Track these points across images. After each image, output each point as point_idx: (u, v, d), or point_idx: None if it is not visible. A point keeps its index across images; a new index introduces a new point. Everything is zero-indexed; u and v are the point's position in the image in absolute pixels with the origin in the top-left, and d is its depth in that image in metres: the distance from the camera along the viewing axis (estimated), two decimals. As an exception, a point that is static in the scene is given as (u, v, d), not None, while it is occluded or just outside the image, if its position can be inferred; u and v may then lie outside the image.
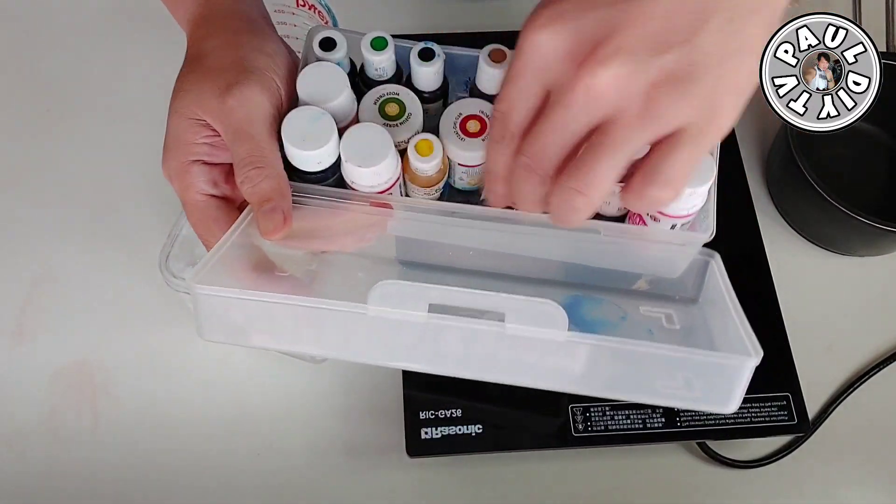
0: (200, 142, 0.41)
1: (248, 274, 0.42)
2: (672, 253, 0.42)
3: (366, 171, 0.39)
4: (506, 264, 0.44)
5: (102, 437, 0.57)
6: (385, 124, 0.41)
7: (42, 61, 0.71)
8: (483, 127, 0.41)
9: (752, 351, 0.34)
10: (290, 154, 0.40)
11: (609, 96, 0.33)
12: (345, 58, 0.43)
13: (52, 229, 0.64)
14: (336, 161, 0.40)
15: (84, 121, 0.69)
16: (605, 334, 0.35)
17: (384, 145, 0.39)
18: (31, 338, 0.60)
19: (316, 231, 0.42)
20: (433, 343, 0.35)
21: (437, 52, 0.42)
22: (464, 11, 0.74)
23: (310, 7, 0.62)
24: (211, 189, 0.42)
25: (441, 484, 0.57)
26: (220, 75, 0.40)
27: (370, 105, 0.42)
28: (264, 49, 0.42)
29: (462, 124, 0.41)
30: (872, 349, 0.62)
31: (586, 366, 0.35)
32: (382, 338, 0.36)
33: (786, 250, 0.64)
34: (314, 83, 0.40)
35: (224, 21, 0.43)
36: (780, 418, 0.55)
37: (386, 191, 0.41)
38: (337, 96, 0.40)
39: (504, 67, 0.42)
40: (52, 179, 0.66)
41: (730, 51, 0.33)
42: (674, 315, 0.42)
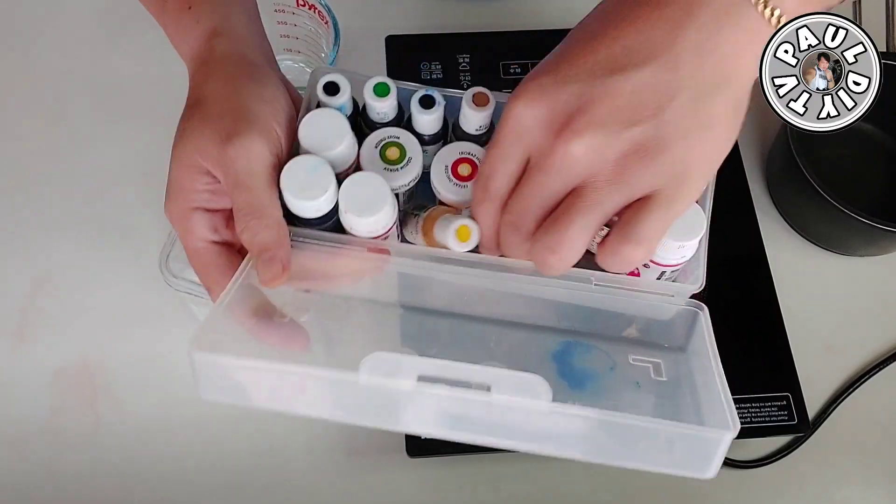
0: (201, 189, 0.42)
1: (249, 319, 0.42)
2: (661, 301, 0.43)
3: (364, 220, 0.40)
4: (501, 308, 0.46)
5: (103, 438, 0.57)
6: (385, 168, 0.42)
7: (42, 61, 0.71)
8: (474, 169, 0.42)
9: (730, 424, 0.35)
10: (288, 203, 0.40)
11: (583, 163, 0.37)
12: (348, 101, 0.43)
13: (53, 230, 0.64)
14: (335, 206, 0.41)
15: (84, 121, 0.69)
16: (594, 386, 0.37)
17: (382, 194, 0.39)
18: (31, 338, 0.60)
19: (314, 272, 0.43)
20: (421, 408, 0.37)
21: (438, 99, 0.43)
22: (464, 12, 0.74)
23: (310, 7, 0.62)
24: (212, 235, 0.43)
25: (441, 484, 0.57)
26: (221, 123, 0.41)
27: (371, 148, 0.42)
28: (264, 95, 0.42)
29: (454, 169, 0.42)
30: (872, 349, 0.62)
31: (571, 432, 0.37)
32: (375, 403, 0.37)
33: (786, 250, 0.64)
34: (316, 131, 0.40)
35: (224, 65, 0.43)
36: (780, 418, 0.55)
37: (382, 235, 0.42)
38: (338, 145, 0.40)
39: (486, 111, 0.43)
40: (53, 179, 0.66)
41: (696, 125, 0.36)
42: (662, 365, 0.43)
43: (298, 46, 0.67)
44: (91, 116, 0.69)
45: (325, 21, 0.62)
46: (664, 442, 0.36)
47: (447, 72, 0.66)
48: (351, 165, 0.42)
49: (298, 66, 0.68)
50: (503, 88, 0.65)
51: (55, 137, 0.68)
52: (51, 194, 0.66)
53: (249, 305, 0.42)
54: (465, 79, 0.66)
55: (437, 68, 0.66)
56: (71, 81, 0.70)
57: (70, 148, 0.67)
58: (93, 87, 0.70)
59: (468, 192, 0.42)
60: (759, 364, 0.57)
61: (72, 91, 0.70)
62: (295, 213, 0.41)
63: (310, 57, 0.67)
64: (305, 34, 0.65)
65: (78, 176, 0.66)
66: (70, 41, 0.72)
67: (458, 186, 0.42)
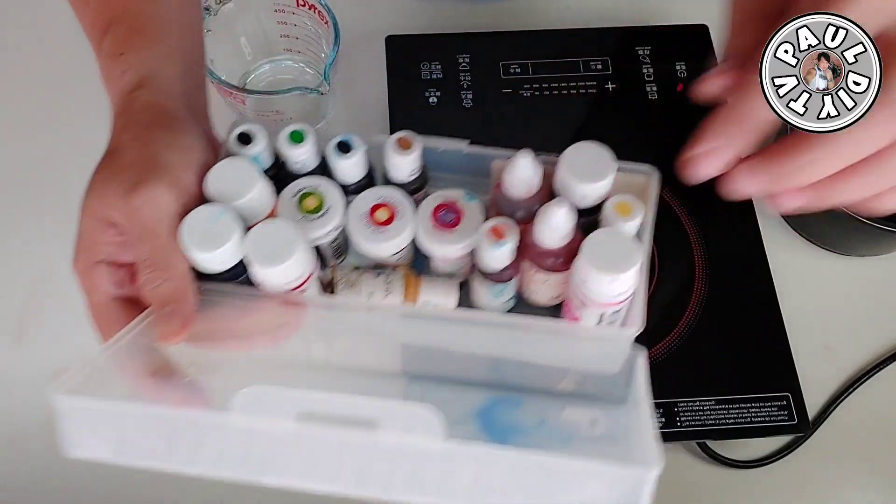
0: (108, 241, 0.40)
1: (144, 380, 0.40)
2: (603, 349, 0.40)
3: (271, 271, 0.37)
4: (427, 365, 0.42)
5: (103, 438, 0.57)
6: (303, 218, 0.40)
7: (42, 61, 0.71)
8: (392, 215, 0.40)
9: (654, 461, 0.31)
10: (190, 255, 0.38)
11: None
12: (263, 151, 0.41)
13: (53, 229, 0.64)
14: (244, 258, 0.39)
15: (84, 121, 0.69)
16: (519, 442, 0.33)
17: (290, 242, 0.37)
18: (31, 338, 0.60)
19: (224, 332, 0.41)
20: (305, 455, 0.33)
21: (356, 144, 0.41)
22: (464, 12, 0.74)
23: (310, 7, 0.62)
24: (116, 290, 0.41)
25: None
26: (128, 173, 0.39)
27: (288, 199, 0.41)
28: (177, 143, 0.40)
29: (371, 214, 0.40)
30: (872, 349, 0.62)
31: (476, 478, 0.32)
32: (253, 450, 0.33)
33: (786, 250, 0.64)
34: (223, 180, 0.38)
35: (140, 115, 0.42)
36: (780, 418, 0.55)
37: (298, 287, 0.39)
38: (247, 193, 0.38)
39: (412, 154, 0.40)
40: (53, 179, 0.66)
41: None
42: (600, 418, 0.40)
43: (298, 46, 0.67)
44: (91, 116, 0.69)
45: (325, 21, 0.62)
46: (580, 483, 0.32)
47: (447, 72, 0.66)
48: (267, 216, 0.40)
49: (299, 67, 0.68)
50: (503, 88, 0.66)
51: (55, 138, 0.68)
52: (51, 194, 0.65)
53: (147, 363, 0.40)
54: (464, 79, 0.66)
55: (436, 68, 0.66)
56: (71, 81, 0.70)
57: (70, 148, 0.67)
58: (93, 88, 0.70)
59: (386, 237, 0.39)
60: (759, 364, 0.57)
61: (72, 91, 0.70)
62: (199, 267, 0.38)
63: (310, 57, 0.67)
64: (306, 34, 0.65)
65: (78, 176, 0.66)
66: (70, 41, 0.72)
67: (376, 235, 0.39)
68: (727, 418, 0.54)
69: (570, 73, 0.67)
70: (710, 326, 0.57)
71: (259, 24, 0.65)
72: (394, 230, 0.39)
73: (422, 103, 0.65)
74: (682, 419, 0.54)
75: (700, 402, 0.55)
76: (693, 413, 0.55)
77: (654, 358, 0.56)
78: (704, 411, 0.55)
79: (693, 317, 0.58)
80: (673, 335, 0.57)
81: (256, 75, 0.68)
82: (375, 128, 0.67)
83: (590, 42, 0.68)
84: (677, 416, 0.54)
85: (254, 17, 0.65)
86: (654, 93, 0.66)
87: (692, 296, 0.59)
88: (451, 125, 0.64)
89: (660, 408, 0.54)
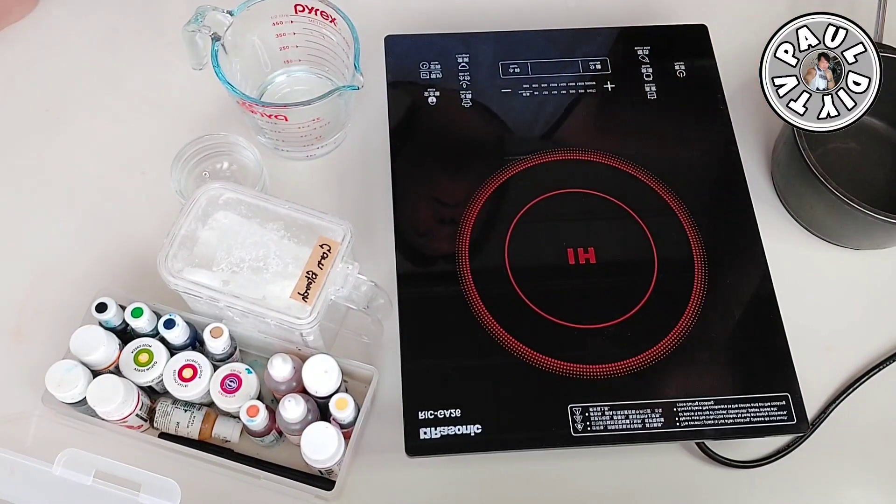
0: None
1: None
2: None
3: (100, 408, 0.53)
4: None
5: (102, 438, 0.57)
6: (136, 369, 0.55)
7: (42, 61, 0.71)
8: (195, 373, 0.54)
9: None
10: (52, 393, 0.53)
11: None
12: (115, 316, 0.56)
13: (52, 229, 0.64)
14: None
15: (84, 121, 0.69)
16: None
17: (115, 391, 0.52)
18: (30, 338, 0.60)
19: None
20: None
21: (178, 321, 0.55)
22: (465, 12, 0.74)
23: (310, 10, 0.62)
24: None
25: (441, 484, 0.57)
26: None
27: (128, 353, 0.55)
28: None
29: (179, 373, 0.54)
30: (872, 349, 0.62)
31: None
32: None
33: (785, 250, 0.64)
34: (81, 340, 0.54)
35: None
36: (780, 418, 0.55)
37: (122, 420, 0.54)
38: (95, 351, 0.54)
39: (222, 338, 0.54)
40: (52, 179, 0.66)
41: None
42: None
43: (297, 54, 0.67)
44: (91, 116, 0.69)
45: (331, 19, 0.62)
46: None
47: (447, 72, 0.66)
48: (112, 364, 0.55)
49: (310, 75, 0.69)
50: (503, 88, 0.66)
51: (55, 137, 0.68)
52: (50, 194, 0.65)
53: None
54: (464, 79, 0.66)
55: (436, 68, 0.66)
56: (71, 81, 0.70)
57: (70, 148, 0.67)
58: (92, 88, 0.70)
59: (187, 390, 0.53)
60: (758, 364, 0.57)
61: (72, 91, 0.70)
62: (59, 399, 0.53)
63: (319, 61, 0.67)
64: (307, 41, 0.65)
65: (78, 175, 0.66)
66: (70, 41, 0.72)
67: (181, 386, 0.54)
68: (726, 418, 0.54)
69: (570, 72, 0.67)
70: (709, 326, 0.57)
71: (262, 39, 0.66)
72: (193, 386, 0.54)
73: (421, 103, 0.65)
74: (681, 419, 0.54)
75: (699, 402, 0.55)
76: (692, 413, 0.55)
77: (653, 358, 0.56)
78: (704, 411, 0.55)
79: (692, 317, 0.58)
80: (672, 335, 0.57)
81: (271, 89, 0.69)
82: (376, 128, 0.67)
83: (589, 42, 0.68)
84: (676, 416, 0.54)
85: (255, 36, 0.65)
86: (653, 93, 0.66)
87: (691, 296, 0.58)
88: (450, 125, 0.64)
89: (659, 408, 0.54)
